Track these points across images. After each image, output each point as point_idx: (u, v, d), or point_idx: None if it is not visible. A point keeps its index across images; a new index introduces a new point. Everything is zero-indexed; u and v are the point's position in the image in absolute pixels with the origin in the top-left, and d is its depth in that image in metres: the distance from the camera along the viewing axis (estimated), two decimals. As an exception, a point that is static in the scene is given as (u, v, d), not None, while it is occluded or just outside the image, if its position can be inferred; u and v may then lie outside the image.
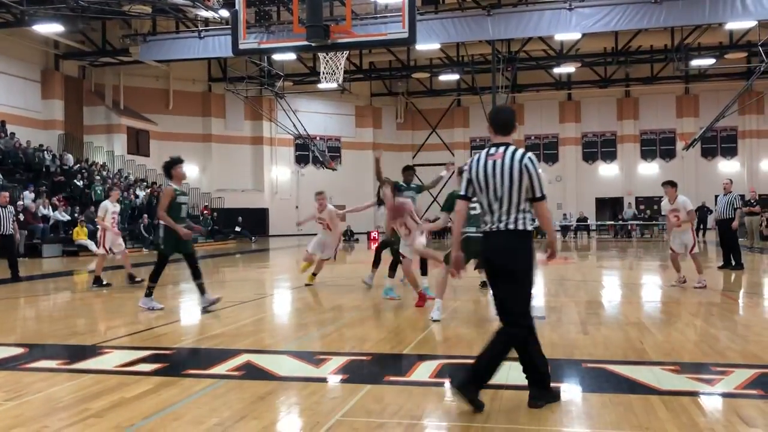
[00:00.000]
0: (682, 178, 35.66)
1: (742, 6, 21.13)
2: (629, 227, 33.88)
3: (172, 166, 8.23)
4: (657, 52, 32.70)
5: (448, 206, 6.96)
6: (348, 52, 20.21)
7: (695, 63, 31.99)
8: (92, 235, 22.46)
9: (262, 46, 9.23)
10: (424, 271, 9.47)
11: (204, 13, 23.03)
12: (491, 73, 28.92)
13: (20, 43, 27.24)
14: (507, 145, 4.18)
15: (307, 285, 10.90)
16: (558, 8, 22.88)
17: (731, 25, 25.66)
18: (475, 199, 6.00)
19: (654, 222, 34.77)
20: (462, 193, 4.28)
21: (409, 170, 10.08)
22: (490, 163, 4.11)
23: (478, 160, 4.18)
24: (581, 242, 29.32)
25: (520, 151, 4.12)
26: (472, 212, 6.50)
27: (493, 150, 4.16)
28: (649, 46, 32.50)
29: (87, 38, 29.33)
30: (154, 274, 8.21)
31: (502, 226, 4.08)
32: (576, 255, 20.60)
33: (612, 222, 35.73)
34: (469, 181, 4.22)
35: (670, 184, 10.42)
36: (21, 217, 20.03)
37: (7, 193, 13.37)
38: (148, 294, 8.27)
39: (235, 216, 33.29)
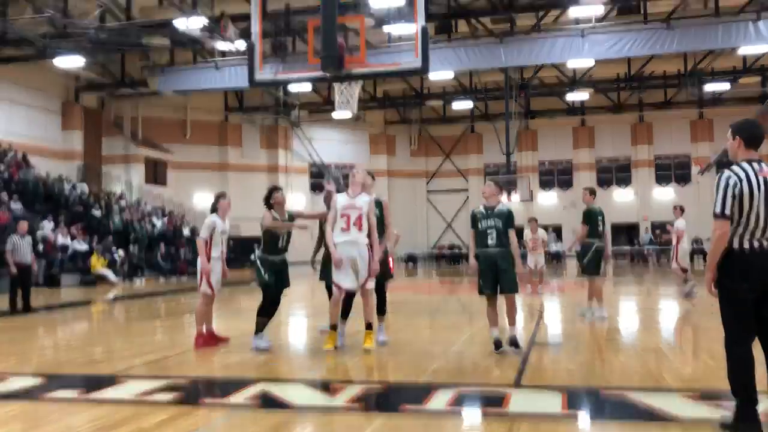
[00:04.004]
0: (698, 202, 35.45)
1: (755, 31, 21.16)
2: (645, 253, 33.61)
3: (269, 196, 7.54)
4: (670, 77, 32.71)
5: (586, 220, 9.64)
6: (362, 81, 20.48)
7: (709, 88, 31.93)
8: (110, 265, 22.70)
9: (278, 77, 9.36)
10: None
11: (221, 45, 23.41)
12: (504, 99, 29.05)
13: (41, 75, 27.78)
14: (759, 160, 4.08)
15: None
16: (570, 35, 23.00)
17: (744, 50, 25.63)
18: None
19: (670, 248, 34.42)
20: (727, 212, 3.98)
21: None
22: (761, 179, 3.99)
23: (748, 178, 3.99)
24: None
25: None
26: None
27: (756, 166, 4.04)
28: (662, 71, 32.53)
29: (107, 70, 29.88)
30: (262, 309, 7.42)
31: None
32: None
33: (628, 247, 35.45)
34: (736, 197, 3.98)
35: (534, 221, 15.20)
36: (40, 247, 20.25)
37: (26, 223, 13.51)
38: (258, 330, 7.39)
39: (250, 244, 33.36)
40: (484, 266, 6.90)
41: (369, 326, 7.12)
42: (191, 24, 20.45)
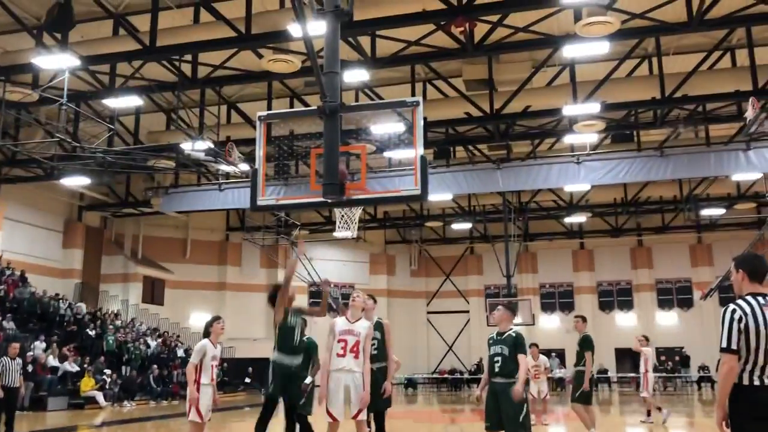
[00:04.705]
0: (702, 327, 34.99)
1: (746, 159, 21.68)
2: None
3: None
4: (667, 202, 33.16)
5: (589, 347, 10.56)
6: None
7: (705, 213, 32.32)
8: (101, 387, 22.00)
9: (280, 202, 9.42)
10: None
11: (225, 168, 23.94)
12: (503, 222, 29.36)
13: (46, 195, 28.20)
14: (765, 294, 4.04)
15: None
16: (566, 162, 23.53)
17: (738, 177, 26.16)
18: None
19: (677, 375, 33.63)
20: (734, 347, 3.90)
21: None
22: (767, 314, 3.94)
23: (754, 312, 3.94)
24: (602, 395, 28.21)
25: None
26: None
27: (762, 300, 3.99)
28: (658, 196, 33.05)
29: (111, 190, 30.41)
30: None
31: None
32: (598, 409, 19.73)
33: (633, 374, 34.55)
34: (742, 332, 3.91)
35: (536, 346, 14.80)
36: (30, 368, 19.72)
37: (17, 345, 13.23)
38: None
39: (245, 366, 32.63)
40: (488, 398, 6.63)
41: None
42: (197, 148, 20.99)
